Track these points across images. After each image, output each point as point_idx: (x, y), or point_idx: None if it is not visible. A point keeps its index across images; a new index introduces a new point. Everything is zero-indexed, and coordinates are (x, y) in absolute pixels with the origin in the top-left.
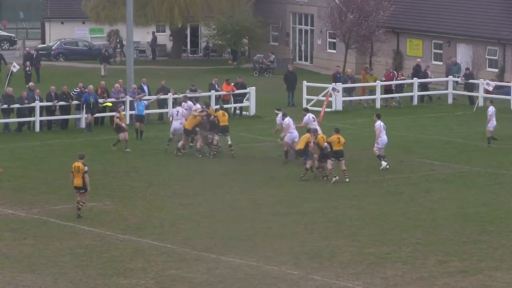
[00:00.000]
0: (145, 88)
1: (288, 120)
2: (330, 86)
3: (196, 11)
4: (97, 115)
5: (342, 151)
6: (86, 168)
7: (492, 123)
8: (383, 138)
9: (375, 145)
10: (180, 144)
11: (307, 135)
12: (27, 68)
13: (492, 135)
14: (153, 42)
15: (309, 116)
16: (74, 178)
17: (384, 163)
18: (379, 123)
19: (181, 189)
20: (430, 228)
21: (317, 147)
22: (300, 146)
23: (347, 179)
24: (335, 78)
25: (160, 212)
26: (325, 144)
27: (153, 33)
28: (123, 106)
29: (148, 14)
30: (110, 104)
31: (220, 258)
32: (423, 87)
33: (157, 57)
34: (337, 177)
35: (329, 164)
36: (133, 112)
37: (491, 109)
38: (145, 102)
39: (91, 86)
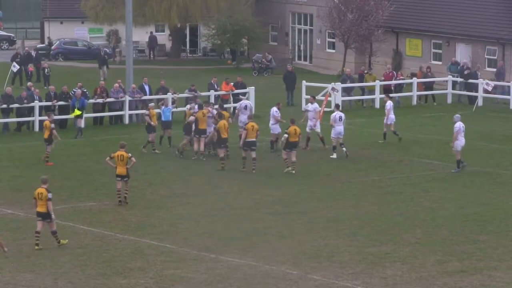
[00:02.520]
0: (147, 88)
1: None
2: (330, 86)
3: (195, 11)
4: (97, 115)
5: (296, 142)
6: (130, 154)
7: (391, 118)
8: (336, 128)
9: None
10: (195, 146)
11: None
12: (46, 69)
13: (393, 129)
14: (151, 41)
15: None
16: (117, 167)
17: (334, 155)
18: (333, 114)
19: (180, 188)
20: (429, 228)
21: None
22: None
23: (293, 171)
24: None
25: (159, 212)
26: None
27: (151, 33)
28: (153, 104)
29: (147, 14)
30: (79, 113)
31: (219, 258)
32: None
33: (156, 57)
34: (290, 168)
35: (293, 155)
36: (133, 112)
37: (389, 104)
38: (170, 107)
39: (79, 91)
